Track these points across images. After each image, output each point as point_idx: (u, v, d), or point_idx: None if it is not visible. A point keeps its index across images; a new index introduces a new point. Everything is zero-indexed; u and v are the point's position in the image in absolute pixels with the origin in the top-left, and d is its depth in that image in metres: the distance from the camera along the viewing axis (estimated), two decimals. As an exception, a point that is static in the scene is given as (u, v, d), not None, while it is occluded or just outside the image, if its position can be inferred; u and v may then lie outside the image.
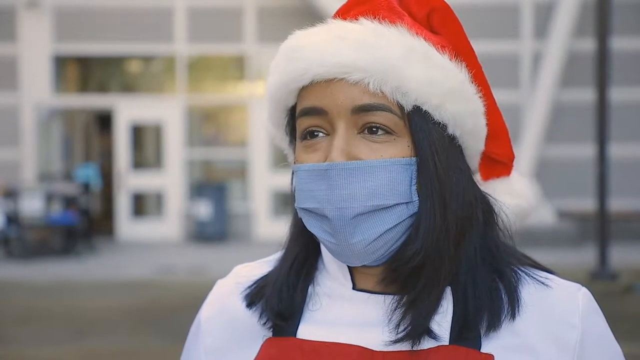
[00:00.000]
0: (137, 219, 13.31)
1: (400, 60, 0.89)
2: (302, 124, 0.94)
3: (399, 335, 0.90)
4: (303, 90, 0.94)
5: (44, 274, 9.72)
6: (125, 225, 13.22)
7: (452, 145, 0.94)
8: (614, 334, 0.98)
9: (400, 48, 0.90)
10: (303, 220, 0.96)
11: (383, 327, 0.93)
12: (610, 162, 8.72)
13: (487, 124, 0.99)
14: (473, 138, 0.96)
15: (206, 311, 1.09)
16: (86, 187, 12.37)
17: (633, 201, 12.37)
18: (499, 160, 1.04)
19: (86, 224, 11.96)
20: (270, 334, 0.99)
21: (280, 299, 0.98)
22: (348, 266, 0.98)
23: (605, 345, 0.96)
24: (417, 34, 0.92)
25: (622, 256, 9.70)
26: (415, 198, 0.90)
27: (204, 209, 12.58)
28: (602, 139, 8.32)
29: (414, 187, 0.90)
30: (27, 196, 11.10)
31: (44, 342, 6.35)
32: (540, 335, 0.92)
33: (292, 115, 0.99)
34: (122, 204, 13.25)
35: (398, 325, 0.91)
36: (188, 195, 13.25)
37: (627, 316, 6.62)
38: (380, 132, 0.90)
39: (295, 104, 0.97)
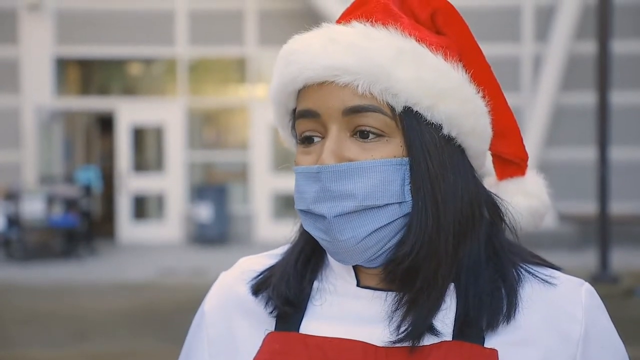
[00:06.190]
0: (138, 222, 13.31)
1: (389, 62, 0.89)
2: (299, 127, 0.96)
3: (400, 336, 0.91)
4: (300, 93, 0.96)
5: (44, 276, 9.72)
6: (126, 227, 13.21)
7: (449, 146, 0.93)
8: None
9: (390, 50, 0.90)
10: (301, 222, 0.97)
11: (385, 324, 0.94)
12: (611, 165, 8.70)
13: (493, 124, 0.99)
14: (473, 138, 0.95)
15: (210, 302, 1.08)
16: (87, 189, 12.37)
17: (634, 204, 12.36)
18: (510, 160, 1.06)
19: (87, 226, 11.95)
20: (273, 324, 0.99)
21: (288, 287, 0.99)
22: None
23: (609, 342, 0.96)
24: (410, 35, 0.92)
25: (623, 260, 9.69)
26: (409, 198, 0.91)
27: (204, 212, 12.58)
28: (603, 142, 8.31)
29: (407, 187, 0.91)
30: (28, 198, 11.11)
31: (45, 345, 6.35)
32: (544, 329, 0.93)
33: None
34: (123, 207, 13.25)
35: (399, 326, 0.92)
36: (189, 197, 13.24)
37: (628, 320, 6.61)
38: (371, 136, 0.91)
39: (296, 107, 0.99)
